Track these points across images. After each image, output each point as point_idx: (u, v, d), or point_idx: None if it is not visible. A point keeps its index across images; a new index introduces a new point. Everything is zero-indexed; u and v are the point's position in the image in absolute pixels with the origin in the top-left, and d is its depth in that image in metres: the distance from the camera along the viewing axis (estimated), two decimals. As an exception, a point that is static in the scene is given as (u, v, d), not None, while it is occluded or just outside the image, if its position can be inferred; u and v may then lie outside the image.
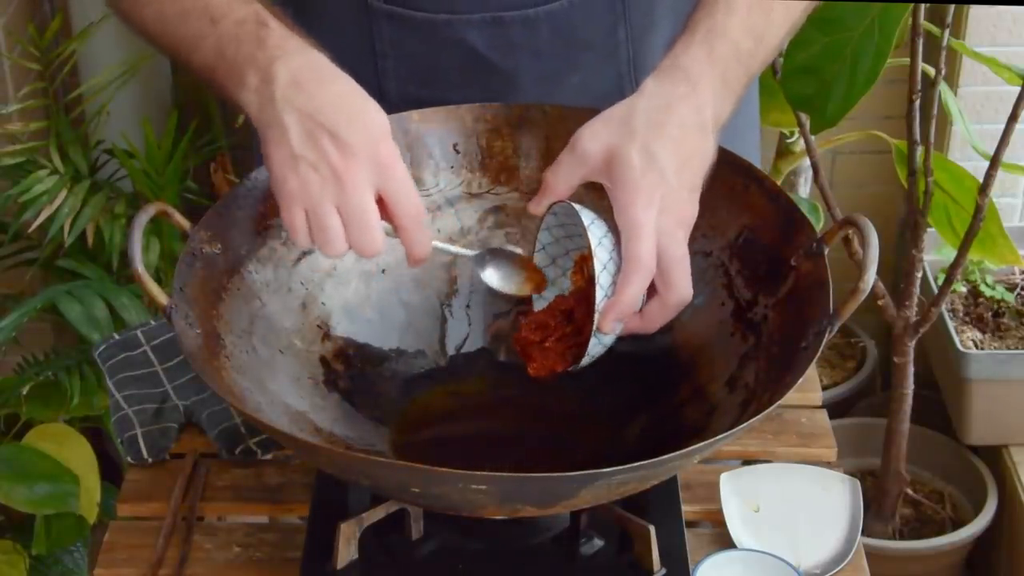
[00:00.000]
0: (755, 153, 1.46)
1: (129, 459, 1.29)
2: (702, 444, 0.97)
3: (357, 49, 1.09)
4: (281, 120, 1.04)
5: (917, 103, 1.70)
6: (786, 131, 2.08)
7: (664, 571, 1.10)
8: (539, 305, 1.18)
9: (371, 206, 1.04)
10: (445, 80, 1.28)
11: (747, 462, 1.30)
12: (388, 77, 1.06)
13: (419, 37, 1.27)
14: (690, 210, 1.08)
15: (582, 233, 1.08)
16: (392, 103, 1.27)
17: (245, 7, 1.10)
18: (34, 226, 2.04)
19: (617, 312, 1.06)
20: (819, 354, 1.04)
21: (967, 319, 2.24)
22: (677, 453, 0.95)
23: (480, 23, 1.25)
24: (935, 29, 1.70)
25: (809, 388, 1.35)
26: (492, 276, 1.16)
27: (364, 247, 1.04)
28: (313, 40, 1.08)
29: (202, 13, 1.10)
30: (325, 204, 1.03)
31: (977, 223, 1.72)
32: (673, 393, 1.17)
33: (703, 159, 1.09)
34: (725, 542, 1.18)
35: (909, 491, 2.21)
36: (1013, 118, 1.66)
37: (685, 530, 1.15)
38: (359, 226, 1.04)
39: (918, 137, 1.72)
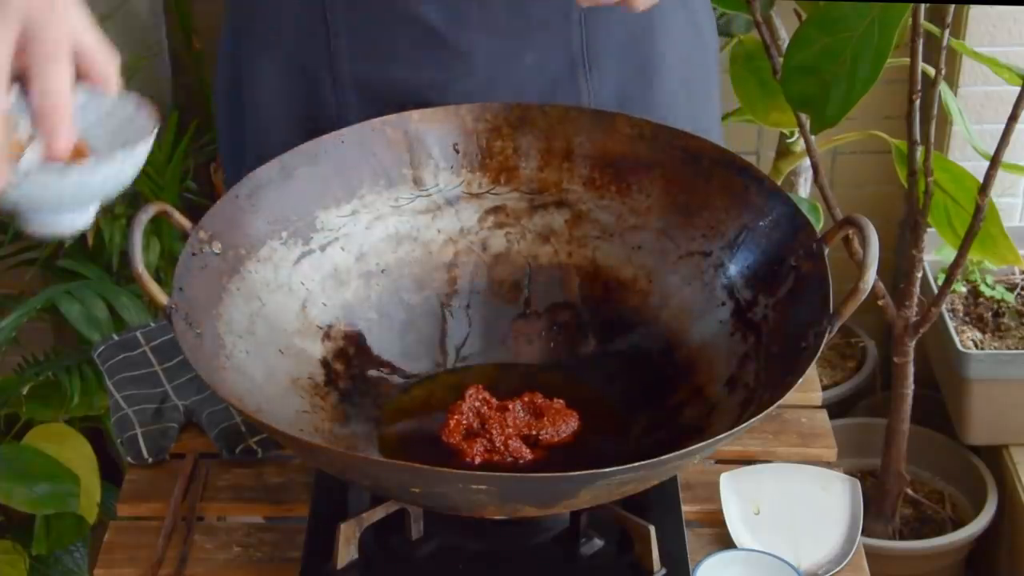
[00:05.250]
0: (716, 115, 1.46)
1: (129, 459, 1.29)
2: (702, 444, 0.97)
3: (310, 27, 1.06)
4: None
5: (917, 103, 1.69)
6: (786, 131, 2.08)
7: (664, 571, 1.10)
8: None
9: None
10: (398, 58, 1.27)
11: (747, 462, 1.29)
12: (341, 57, 1.04)
13: (374, 13, 1.26)
14: None
15: None
16: (344, 84, 1.27)
17: None
18: (34, 226, 2.04)
19: None
20: (819, 354, 1.04)
21: (967, 319, 2.24)
22: (677, 453, 0.95)
23: None
24: (935, 29, 1.69)
25: (809, 388, 1.35)
26: None
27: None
28: (265, 17, 0.99)
29: None
30: None
31: (977, 223, 1.72)
32: (673, 393, 1.16)
33: None
34: (725, 542, 1.18)
35: (909, 491, 2.21)
36: (1013, 118, 1.66)
37: (685, 530, 1.15)
38: None
39: (918, 137, 1.72)
